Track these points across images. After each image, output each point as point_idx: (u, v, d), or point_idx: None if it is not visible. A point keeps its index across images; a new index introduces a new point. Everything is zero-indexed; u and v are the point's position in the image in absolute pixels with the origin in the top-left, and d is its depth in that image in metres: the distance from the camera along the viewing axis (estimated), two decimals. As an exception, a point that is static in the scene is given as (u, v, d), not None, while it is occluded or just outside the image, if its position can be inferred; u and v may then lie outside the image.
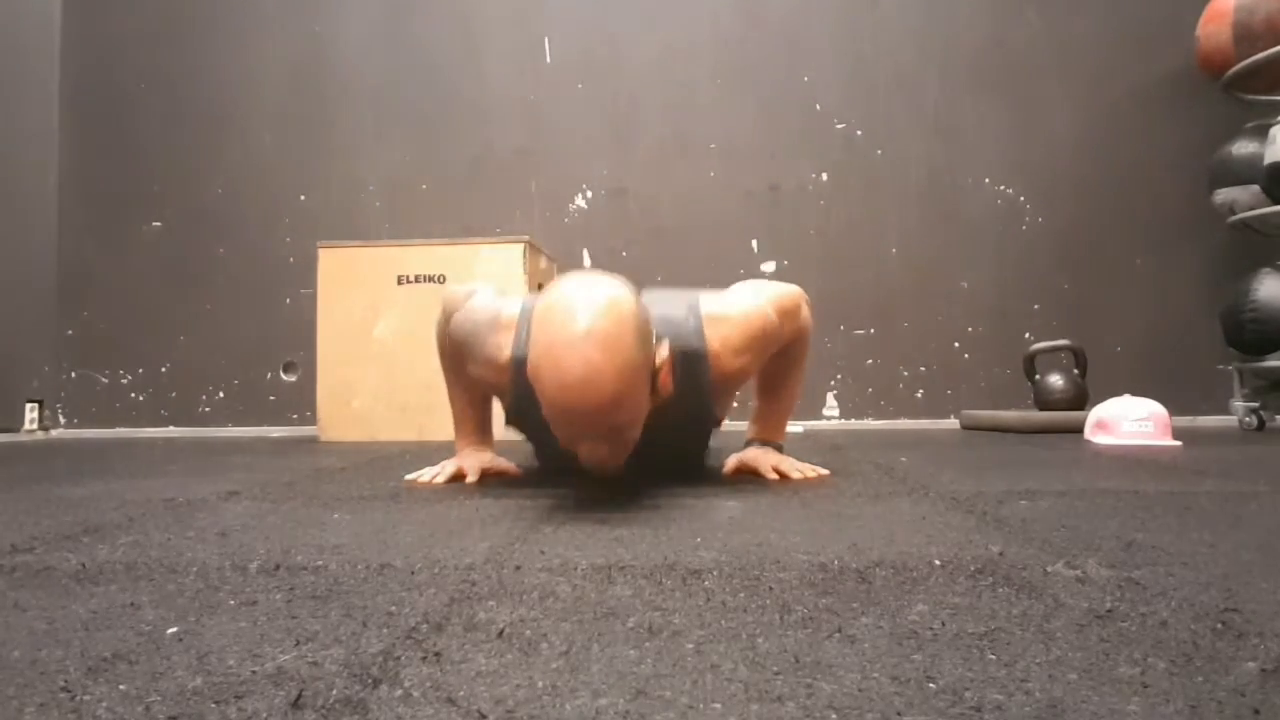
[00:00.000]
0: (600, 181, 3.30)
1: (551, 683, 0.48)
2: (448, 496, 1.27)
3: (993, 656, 0.51)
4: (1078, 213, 3.23)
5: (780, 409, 1.56)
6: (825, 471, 1.47)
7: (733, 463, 1.52)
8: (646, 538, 0.91)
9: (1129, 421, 2.19)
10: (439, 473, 1.46)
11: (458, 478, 1.45)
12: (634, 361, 1.08)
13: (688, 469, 1.75)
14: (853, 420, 3.25)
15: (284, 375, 3.34)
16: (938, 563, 0.77)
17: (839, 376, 3.26)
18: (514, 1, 3.35)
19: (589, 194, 3.30)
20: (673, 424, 1.32)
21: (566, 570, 0.76)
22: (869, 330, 3.26)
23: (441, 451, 1.64)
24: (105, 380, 3.38)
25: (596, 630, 0.58)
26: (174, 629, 0.59)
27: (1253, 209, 2.84)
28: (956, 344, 3.24)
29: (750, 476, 1.47)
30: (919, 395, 3.24)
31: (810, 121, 3.29)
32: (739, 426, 1.65)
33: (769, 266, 3.26)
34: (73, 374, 3.38)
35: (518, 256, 2.69)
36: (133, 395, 3.37)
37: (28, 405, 3.25)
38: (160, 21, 3.43)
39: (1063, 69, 3.25)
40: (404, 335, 2.71)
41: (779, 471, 1.44)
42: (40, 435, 3.27)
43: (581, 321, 1.06)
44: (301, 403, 3.24)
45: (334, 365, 2.77)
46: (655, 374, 1.16)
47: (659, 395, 1.19)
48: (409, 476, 1.49)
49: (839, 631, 0.57)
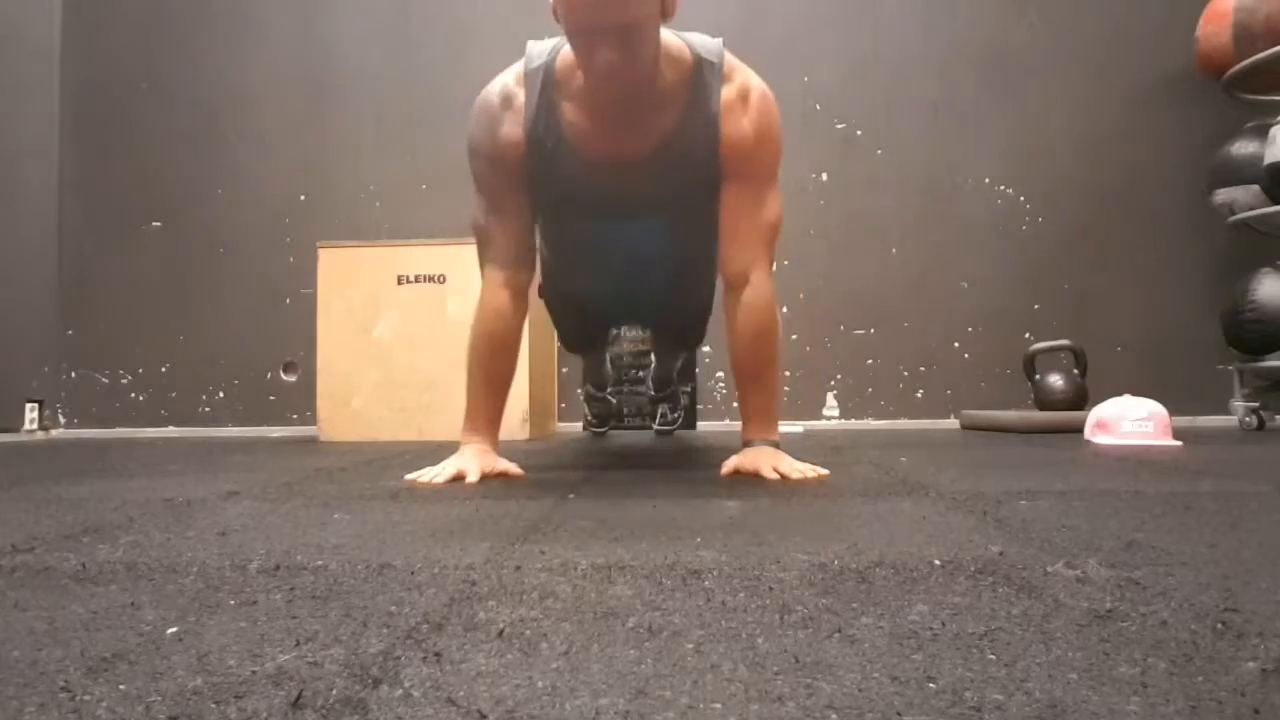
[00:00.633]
0: (600, 181, 3.30)
1: (551, 683, 0.48)
2: (448, 496, 1.27)
3: (993, 656, 0.51)
4: (1078, 213, 3.23)
5: (766, 403, 1.56)
6: (825, 471, 1.47)
7: (731, 464, 1.51)
8: (646, 538, 0.91)
9: (1129, 421, 2.19)
10: (439, 473, 1.46)
11: (458, 478, 1.45)
12: None
13: (687, 330, 1.96)
14: (853, 420, 3.25)
15: (284, 375, 3.34)
16: (938, 563, 0.77)
17: (839, 376, 3.26)
18: (514, 1, 3.35)
19: (589, 194, 3.30)
20: (681, 159, 1.43)
21: (566, 570, 0.76)
22: (869, 330, 3.26)
23: (442, 451, 1.64)
24: (105, 380, 3.38)
25: (596, 630, 0.58)
26: (174, 629, 0.59)
27: (1253, 209, 2.85)
28: (956, 344, 3.24)
29: (750, 477, 1.47)
30: (919, 395, 3.24)
31: (810, 121, 3.29)
32: (738, 427, 1.65)
33: (769, 266, 3.26)
34: (73, 374, 3.39)
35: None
36: (133, 395, 3.37)
37: (28, 405, 3.25)
38: (160, 22, 3.43)
39: (1063, 69, 3.25)
40: (404, 335, 2.71)
41: (779, 471, 1.44)
42: (40, 435, 3.27)
43: None
44: (301, 403, 3.25)
45: (334, 365, 2.77)
46: None
47: (669, 9, 1.30)
48: (409, 476, 1.49)
49: (839, 631, 0.57)
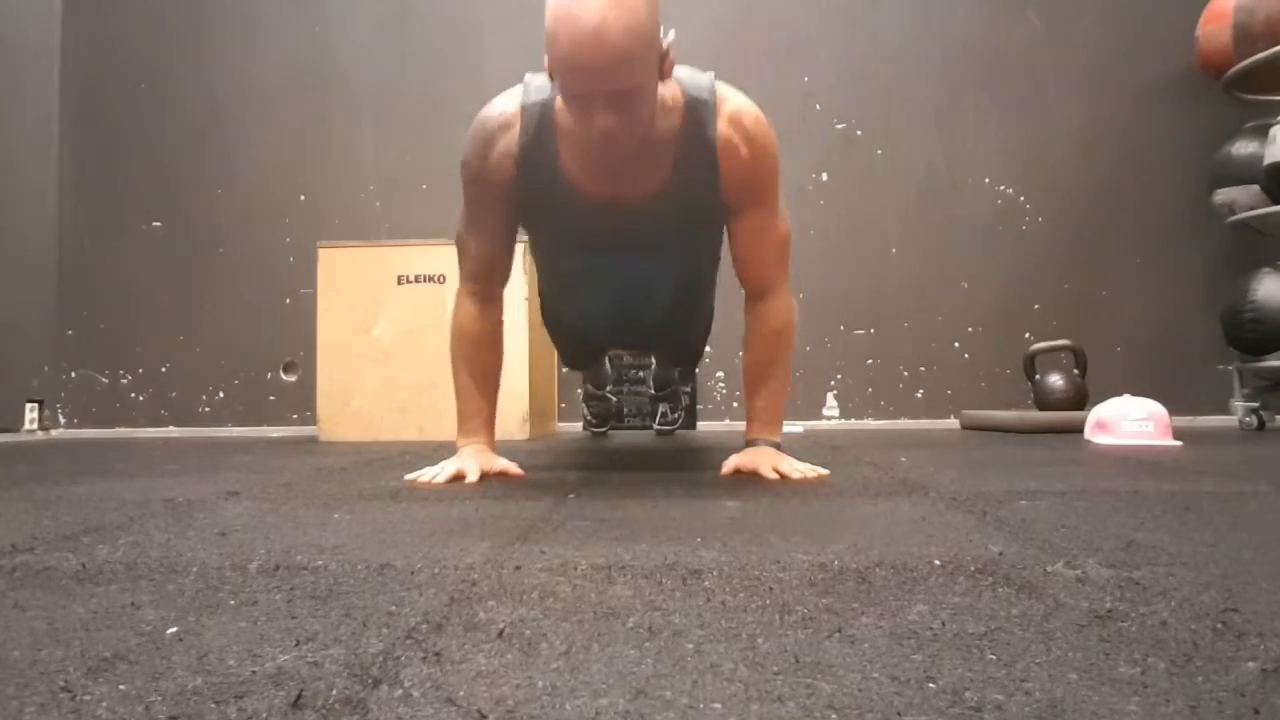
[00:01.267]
0: (600, 181, 3.30)
1: (551, 683, 0.48)
2: (448, 496, 1.27)
3: (993, 656, 0.51)
4: (1078, 213, 3.23)
5: (772, 405, 1.57)
6: (825, 471, 1.47)
7: (732, 463, 1.52)
8: (646, 538, 0.91)
9: (1129, 421, 2.19)
10: (439, 473, 1.46)
11: (458, 478, 1.45)
12: (643, 25, 1.17)
13: (683, 347, 1.92)
14: (853, 420, 3.25)
15: (284, 375, 3.34)
16: (938, 563, 0.77)
17: (839, 376, 3.26)
18: (514, 1, 3.35)
19: (589, 194, 3.30)
20: (679, 198, 1.41)
21: (566, 570, 0.76)
22: (869, 330, 3.26)
23: (442, 451, 1.64)
24: (105, 380, 3.38)
25: (596, 630, 0.58)
26: (174, 629, 0.59)
27: (1253, 209, 2.84)
28: (956, 344, 3.24)
29: (750, 477, 1.47)
30: (919, 395, 3.24)
31: (810, 121, 3.29)
32: (738, 427, 1.65)
33: (769, 266, 3.26)
34: (73, 374, 3.39)
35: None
36: (133, 395, 3.37)
37: (28, 405, 3.25)
38: (160, 21, 3.43)
39: (1063, 69, 3.25)
40: (404, 335, 2.71)
41: (779, 472, 1.44)
42: (40, 435, 3.27)
43: None
44: (301, 403, 3.24)
45: (334, 365, 2.77)
46: (663, 59, 1.26)
47: (665, 71, 1.28)
48: (409, 476, 1.48)
49: (839, 631, 0.57)
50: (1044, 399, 2.86)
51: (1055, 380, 2.86)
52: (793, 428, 3.05)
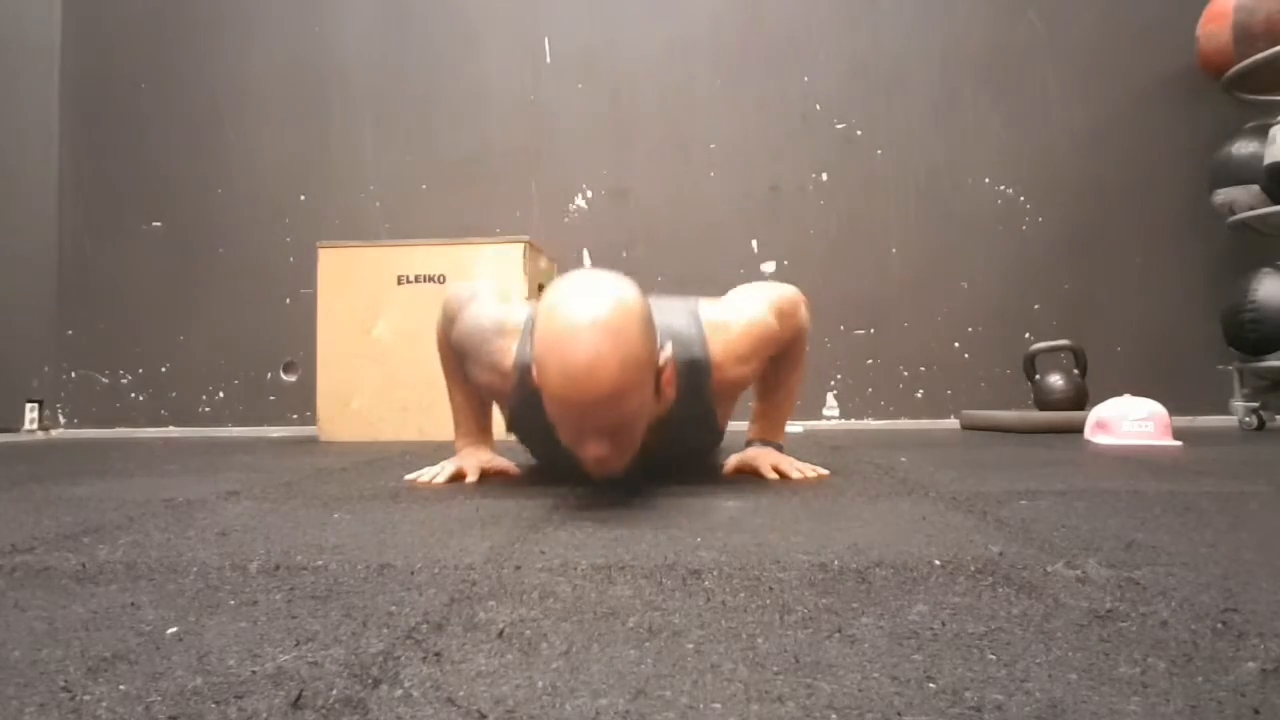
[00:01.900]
0: (600, 181, 3.30)
1: (551, 683, 0.48)
2: (448, 496, 1.27)
3: (993, 656, 0.51)
4: (1078, 213, 3.23)
5: (780, 409, 1.57)
6: (825, 471, 1.48)
7: (732, 463, 1.52)
8: (646, 538, 0.91)
9: (1129, 421, 2.19)
10: (439, 473, 1.46)
11: (458, 478, 1.45)
12: (638, 355, 1.08)
13: (688, 469, 1.75)
14: (853, 420, 3.25)
15: (284, 375, 3.34)
16: (938, 563, 0.77)
17: (839, 376, 3.26)
18: (514, 1, 3.35)
19: (589, 194, 3.30)
20: (675, 434, 1.32)
21: (566, 570, 0.76)
22: (869, 330, 3.26)
23: (441, 451, 1.64)
24: (105, 380, 3.38)
25: (596, 630, 0.58)
26: (174, 629, 0.59)
27: (1253, 209, 2.84)
28: (956, 344, 3.24)
29: (750, 476, 1.47)
30: (919, 395, 3.24)
31: (810, 121, 3.29)
32: (739, 427, 1.65)
33: (769, 267, 3.26)
34: (73, 374, 3.38)
35: (517, 257, 2.69)
36: (133, 395, 3.37)
37: (28, 405, 3.25)
38: (160, 21, 3.43)
39: (1063, 69, 3.25)
40: (404, 335, 2.71)
41: (779, 471, 1.44)
42: (40, 435, 3.27)
43: (586, 313, 1.06)
44: (301, 403, 3.24)
45: (334, 365, 2.77)
46: (659, 376, 1.16)
47: (663, 398, 1.18)
48: (409, 476, 1.49)
49: (839, 631, 0.57)
50: (1044, 399, 2.86)
51: (1055, 380, 2.86)
52: (793, 428, 3.05)
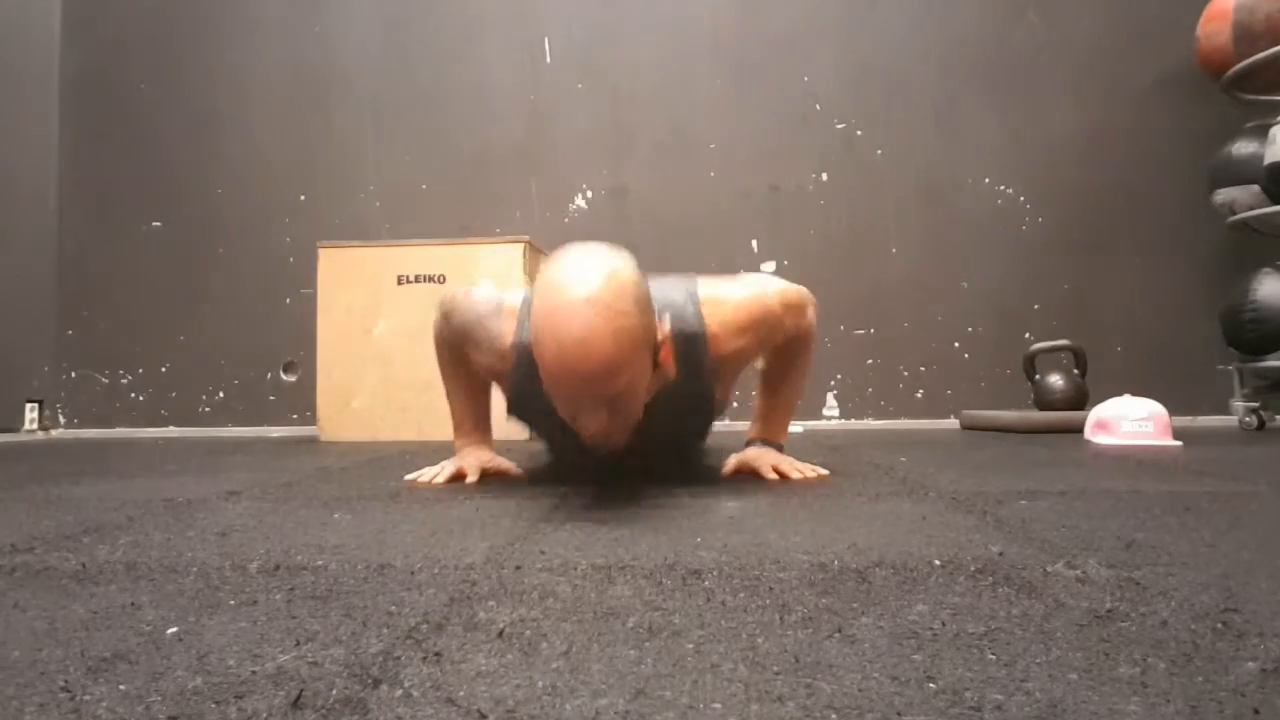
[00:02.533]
0: (600, 181, 3.30)
1: (551, 683, 0.48)
2: (448, 496, 1.27)
3: (993, 656, 0.51)
4: (1078, 213, 3.23)
5: (781, 409, 1.57)
6: (825, 471, 1.48)
7: (732, 463, 1.52)
8: (646, 538, 0.91)
9: (1129, 421, 2.19)
10: (439, 473, 1.46)
11: (458, 478, 1.45)
12: (634, 328, 1.09)
13: (688, 463, 1.75)
14: (853, 420, 3.25)
15: (284, 375, 3.34)
16: (938, 563, 0.77)
17: (839, 376, 3.26)
18: (514, 1, 3.35)
19: (589, 194, 3.31)
20: (674, 407, 1.32)
21: (566, 570, 0.76)
22: (869, 330, 3.26)
23: (441, 451, 1.64)
24: (105, 380, 3.38)
25: (596, 630, 0.58)
26: (174, 629, 0.59)
27: (1253, 209, 2.84)
28: (956, 344, 3.24)
29: (750, 476, 1.47)
30: (919, 395, 3.24)
31: (810, 121, 3.29)
32: (740, 427, 1.65)
33: (769, 266, 3.26)
34: (73, 374, 3.38)
35: (517, 257, 2.69)
36: (133, 395, 3.37)
37: (28, 405, 3.25)
38: (160, 21, 3.43)
39: (1063, 69, 3.25)
40: (404, 335, 2.71)
41: (779, 471, 1.44)
42: (40, 435, 3.27)
43: (581, 287, 1.07)
44: (301, 403, 3.24)
45: (334, 365, 2.77)
46: (657, 350, 1.17)
47: (662, 372, 1.19)
48: (409, 476, 1.48)
49: (839, 631, 0.57)
50: (1044, 399, 2.86)
51: (1055, 380, 2.86)
52: (793, 428, 3.05)
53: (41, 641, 0.56)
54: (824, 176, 3.29)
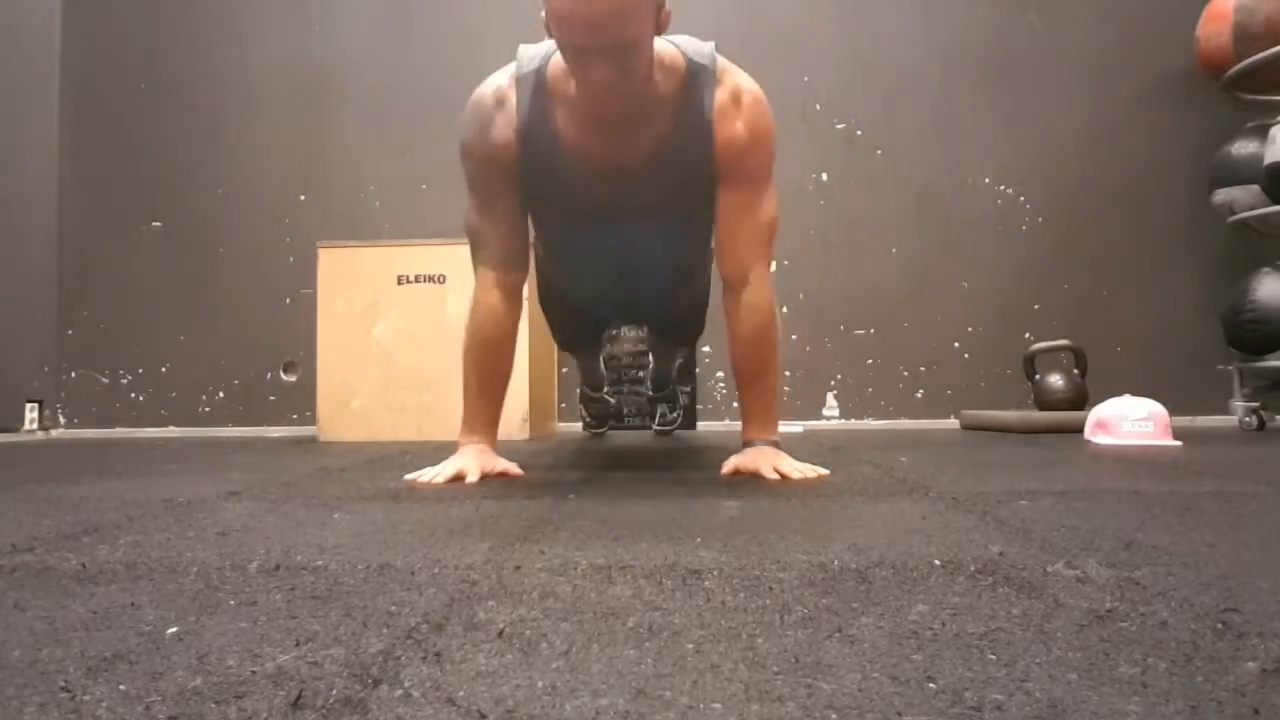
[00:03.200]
0: (600, 181, 3.30)
1: (551, 683, 0.48)
2: (448, 496, 1.27)
3: (993, 656, 0.51)
4: (1078, 213, 3.23)
5: (764, 403, 1.56)
6: (825, 471, 1.47)
7: (731, 464, 1.51)
8: (646, 538, 0.91)
9: (1129, 421, 2.19)
10: (439, 473, 1.46)
11: (458, 478, 1.45)
12: None
13: (682, 324, 1.92)
14: (853, 420, 3.25)
15: (284, 375, 3.34)
16: (938, 563, 0.77)
17: (839, 376, 3.26)
18: (513, 1, 3.35)
19: (589, 194, 3.30)
20: (673, 167, 1.42)
21: (566, 570, 0.76)
22: (869, 330, 3.26)
23: (441, 451, 1.64)
24: (105, 380, 3.38)
25: (596, 630, 0.58)
26: (174, 629, 0.59)
27: (1253, 209, 2.85)
28: (956, 344, 3.24)
29: (750, 477, 1.46)
30: (919, 395, 3.24)
31: (810, 121, 3.29)
32: (738, 426, 1.65)
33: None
34: (73, 374, 3.39)
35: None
36: (133, 395, 3.37)
37: (28, 405, 3.25)
38: (160, 21, 3.43)
39: (1062, 69, 3.25)
40: (404, 335, 2.71)
41: (779, 472, 1.44)
42: (40, 435, 3.27)
43: None
44: (301, 403, 3.24)
45: (334, 365, 2.77)
46: (659, 8, 1.26)
47: (663, 20, 1.29)
48: (409, 476, 1.48)
49: (839, 631, 0.57)
50: (1044, 399, 2.86)
51: (1055, 380, 2.86)
52: (793, 428, 3.05)
53: (41, 641, 0.56)
54: (824, 176, 3.29)
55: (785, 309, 3.18)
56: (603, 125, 1.40)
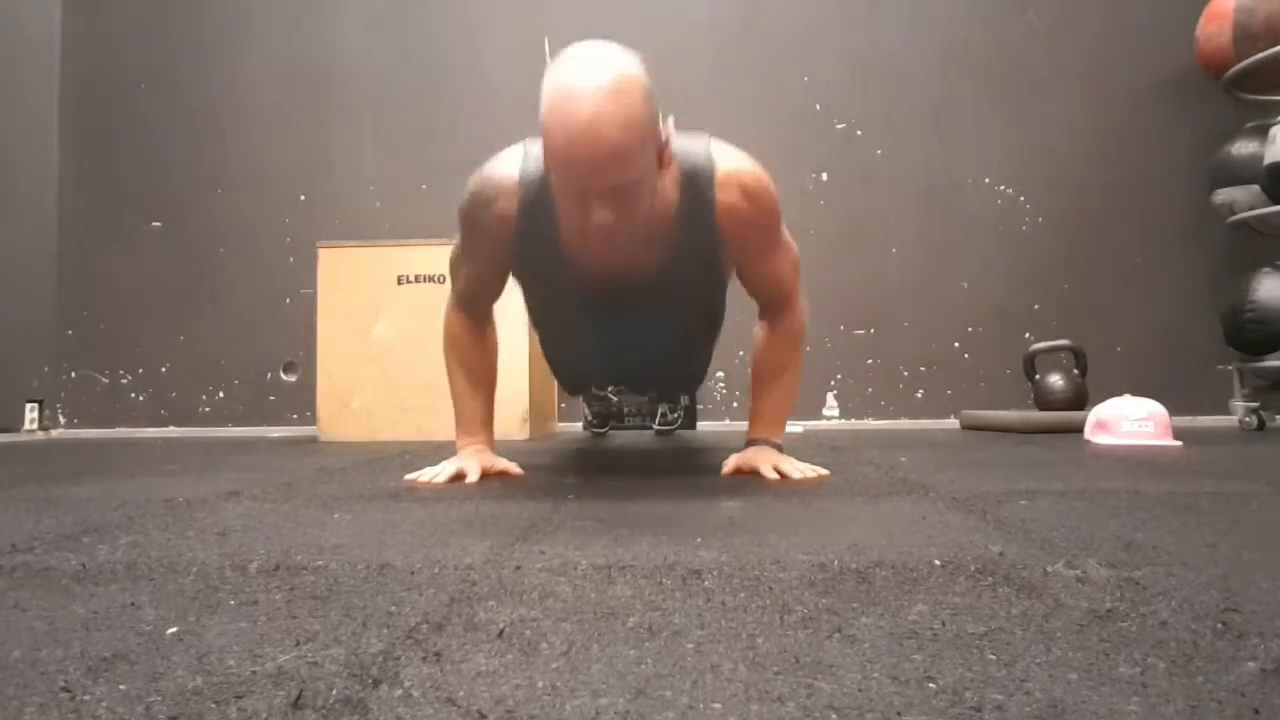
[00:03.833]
0: (600, 181, 3.30)
1: (551, 683, 0.48)
2: (448, 496, 1.27)
3: (993, 656, 0.51)
4: (1078, 213, 3.23)
5: (777, 407, 1.57)
6: (825, 471, 1.47)
7: (732, 463, 1.52)
8: (646, 538, 0.91)
9: (1129, 421, 2.19)
10: (439, 473, 1.46)
11: (458, 478, 1.45)
12: (640, 116, 1.11)
13: (691, 369, 1.81)
14: (853, 420, 3.25)
15: (284, 375, 3.34)
16: (938, 563, 0.77)
17: (839, 376, 3.26)
18: (514, 1, 3.35)
19: (589, 194, 3.30)
20: (680, 263, 1.37)
21: (566, 570, 0.76)
22: (869, 330, 3.26)
23: (441, 451, 1.64)
24: (105, 380, 3.38)
25: (596, 630, 0.58)
26: (174, 629, 0.59)
27: (1253, 209, 2.85)
28: (956, 344, 3.24)
29: (750, 476, 1.47)
30: (919, 395, 3.24)
31: (810, 121, 3.29)
32: (739, 427, 1.65)
33: (769, 266, 3.26)
34: (73, 374, 3.38)
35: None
36: (133, 395, 3.37)
37: (28, 405, 3.25)
38: (160, 21, 3.43)
39: (1063, 69, 3.25)
40: (404, 335, 2.71)
41: (779, 471, 1.44)
42: (40, 435, 3.27)
43: (588, 77, 1.10)
44: (301, 403, 3.24)
45: (334, 365, 2.77)
46: (662, 148, 1.20)
47: (664, 162, 1.22)
48: (409, 476, 1.48)
49: (839, 631, 0.57)
50: (1044, 399, 2.86)
51: (1055, 380, 2.86)
52: (793, 428, 3.05)
53: (41, 641, 0.56)
54: (824, 176, 3.29)
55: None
56: (604, 254, 1.32)
